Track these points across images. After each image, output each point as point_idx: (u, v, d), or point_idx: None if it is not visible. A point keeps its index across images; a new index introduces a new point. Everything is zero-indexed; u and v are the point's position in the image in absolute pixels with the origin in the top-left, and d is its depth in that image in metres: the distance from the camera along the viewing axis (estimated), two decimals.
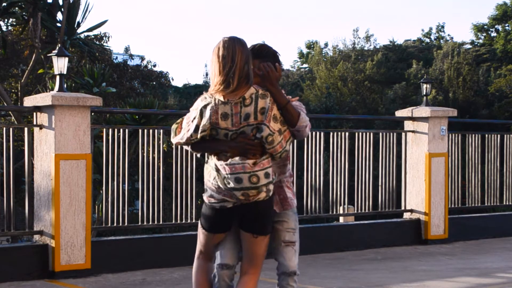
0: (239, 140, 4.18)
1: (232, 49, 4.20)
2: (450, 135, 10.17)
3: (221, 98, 4.18)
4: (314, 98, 41.31)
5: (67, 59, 7.62)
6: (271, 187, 4.23)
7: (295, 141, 9.07)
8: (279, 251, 4.44)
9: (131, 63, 29.38)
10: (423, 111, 9.82)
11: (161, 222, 8.11)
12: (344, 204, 9.47)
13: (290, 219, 4.45)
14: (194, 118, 4.24)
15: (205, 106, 4.22)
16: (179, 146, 8.09)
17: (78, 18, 18.69)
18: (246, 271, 4.40)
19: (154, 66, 29.76)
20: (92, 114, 7.71)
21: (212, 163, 4.26)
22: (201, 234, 4.45)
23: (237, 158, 4.17)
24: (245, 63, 4.19)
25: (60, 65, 7.54)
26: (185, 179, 8.19)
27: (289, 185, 4.50)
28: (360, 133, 9.55)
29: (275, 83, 4.23)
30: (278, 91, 4.21)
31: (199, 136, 4.23)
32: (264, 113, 4.16)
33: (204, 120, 4.20)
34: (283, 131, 4.22)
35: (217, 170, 4.22)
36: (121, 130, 7.92)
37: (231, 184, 4.16)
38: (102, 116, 17.22)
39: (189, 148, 4.35)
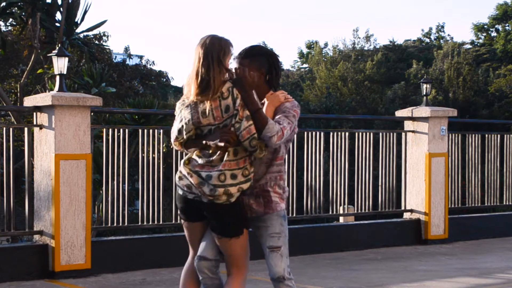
0: (216, 131, 4.26)
1: (194, 53, 4.30)
2: (450, 135, 10.16)
3: (194, 99, 4.28)
4: (314, 98, 41.30)
5: (67, 59, 7.62)
6: (235, 192, 4.20)
7: (295, 141, 9.09)
8: (266, 256, 4.40)
9: (130, 62, 29.38)
10: (423, 111, 9.82)
11: (161, 222, 8.11)
12: (344, 204, 9.47)
13: (274, 224, 4.38)
14: (176, 121, 4.40)
15: (181, 109, 4.34)
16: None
17: (77, 18, 18.67)
18: (229, 272, 4.42)
19: (153, 64, 29.74)
20: (92, 114, 7.71)
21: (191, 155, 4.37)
22: (183, 226, 4.54)
23: (209, 157, 4.25)
24: (201, 66, 4.23)
25: (60, 65, 7.54)
26: None
27: (277, 189, 4.41)
28: (360, 133, 9.55)
29: (247, 88, 4.23)
30: (249, 96, 4.23)
31: (185, 137, 4.33)
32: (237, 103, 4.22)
33: (187, 122, 4.29)
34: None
35: (190, 161, 4.33)
36: (121, 130, 7.91)
37: (199, 179, 4.24)
38: (102, 116, 17.21)
39: (182, 149, 4.42)
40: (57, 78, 7.51)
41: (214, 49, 4.25)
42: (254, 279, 7.10)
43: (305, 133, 9.10)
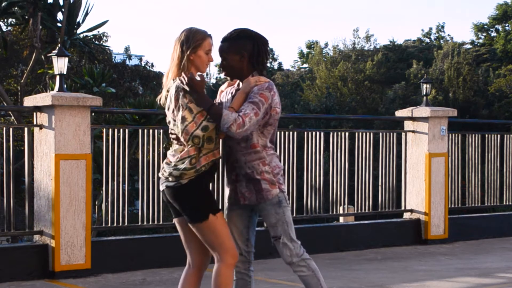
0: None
1: None
2: (450, 135, 10.16)
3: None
4: (314, 98, 41.30)
5: (67, 59, 7.62)
6: (178, 176, 4.29)
7: (295, 141, 9.08)
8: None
9: (130, 63, 29.38)
10: (423, 111, 9.82)
11: (161, 222, 8.11)
12: (344, 204, 9.46)
13: (269, 214, 4.39)
14: None
15: None
16: None
17: (79, 18, 18.68)
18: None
19: (152, 66, 29.76)
20: (93, 114, 7.70)
21: None
22: None
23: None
24: (171, 59, 4.36)
25: (60, 65, 7.54)
26: None
27: (265, 175, 4.38)
28: (360, 133, 9.54)
29: (197, 89, 4.24)
30: (198, 97, 4.25)
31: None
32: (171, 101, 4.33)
33: None
34: (192, 119, 4.25)
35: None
36: (121, 130, 7.91)
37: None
38: (102, 116, 17.21)
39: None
40: (57, 78, 7.51)
41: (180, 42, 4.35)
42: (254, 279, 7.08)
43: (305, 133, 9.09)
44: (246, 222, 4.50)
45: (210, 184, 4.54)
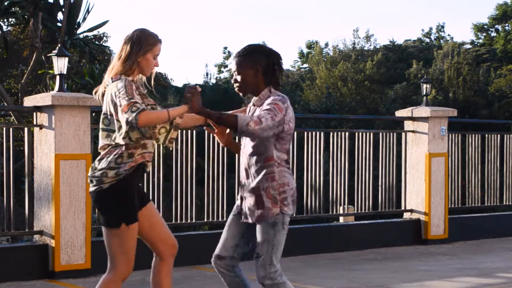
0: None
1: None
2: (450, 135, 10.17)
3: None
4: (314, 98, 41.32)
5: (67, 59, 7.62)
6: (99, 177, 4.22)
7: (295, 141, 9.07)
8: None
9: None
10: (423, 111, 9.82)
11: None
12: (344, 204, 9.47)
13: (261, 232, 4.31)
14: None
15: None
16: (179, 147, 8.12)
17: (79, 18, 18.67)
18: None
19: None
20: (93, 114, 7.71)
21: None
22: None
23: None
24: (118, 56, 4.35)
25: (60, 65, 7.54)
26: (184, 179, 8.19)
27: (270, 191, 4.29)
28: (360, 133, 9.55)
29: (196, 107, 4.14)
30: (206, 113, 4.19)
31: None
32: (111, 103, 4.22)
33: None
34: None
35: None
36: None
37: None
38: None
39: None
40: (57, 78, 7.51)
41: (130, 42, 4.31)
42: (254, 279, 7.09)
43: (305, 133, 9.10)
44: (239, 230, 4.46)
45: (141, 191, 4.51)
